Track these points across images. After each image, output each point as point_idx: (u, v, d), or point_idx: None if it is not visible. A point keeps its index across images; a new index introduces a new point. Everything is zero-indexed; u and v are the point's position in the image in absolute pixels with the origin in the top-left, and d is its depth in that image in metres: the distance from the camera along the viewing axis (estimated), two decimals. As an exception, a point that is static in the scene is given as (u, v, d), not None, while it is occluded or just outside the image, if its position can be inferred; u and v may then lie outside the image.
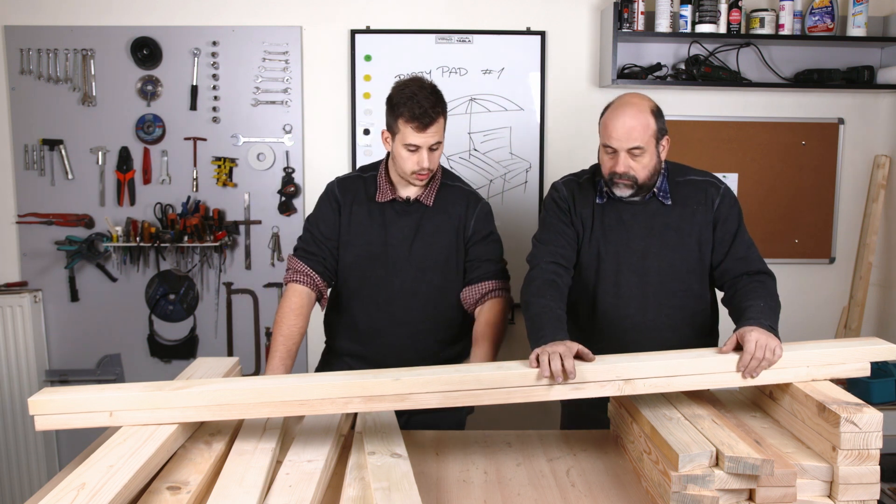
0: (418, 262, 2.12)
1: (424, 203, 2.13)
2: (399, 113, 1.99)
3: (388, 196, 2.13)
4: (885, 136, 3.34)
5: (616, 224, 2.05)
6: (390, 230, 2.12)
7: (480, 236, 2.16)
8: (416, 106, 1.97)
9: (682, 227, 2.02)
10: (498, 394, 1.58)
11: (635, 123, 1.92)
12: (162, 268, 3.26)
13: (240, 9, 3.19)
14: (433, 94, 2.02)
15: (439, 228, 2.13)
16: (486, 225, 2.17)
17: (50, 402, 1.53)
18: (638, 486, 1.62)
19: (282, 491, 1.41)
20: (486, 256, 2.15)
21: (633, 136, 1.92)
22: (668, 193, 2.04)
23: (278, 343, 2.06)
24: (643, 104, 1.96)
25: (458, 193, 2.18)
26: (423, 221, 2.13)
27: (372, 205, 2.14)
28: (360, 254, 2.14)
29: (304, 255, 2.15)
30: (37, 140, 3.19)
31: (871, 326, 3.41)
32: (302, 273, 2.12)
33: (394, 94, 2.03)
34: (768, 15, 3.10)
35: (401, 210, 2.13)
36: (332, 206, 2.16)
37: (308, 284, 2.12)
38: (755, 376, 1.65)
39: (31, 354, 3.19)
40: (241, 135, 3.24)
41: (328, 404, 1.56)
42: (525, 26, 3.23)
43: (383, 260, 2.12)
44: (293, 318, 2.08)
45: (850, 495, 1.45)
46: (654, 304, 2.04)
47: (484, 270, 2.14)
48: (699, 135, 3.29)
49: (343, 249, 2.15)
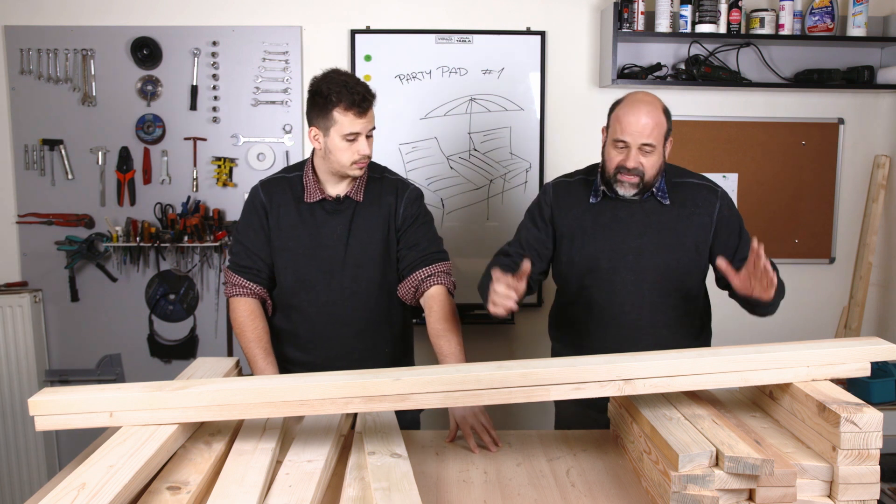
0: (355, 260, 2.07)
1: (355, 199, 2.08)
2: (334, 103, 1.93)
3: (316, 196, 2.07)
4: (885, 136, 3.34)
5: (611, 223, 2.05)
6: (323, 230, 2.07)
7: (409, 222, 2.10)
8: (353, 93, 1.93)
9: (680, 228, 2.03)
10: (499, 394, 1.58)
11: (650, 121, 1.93)
12: (162, 268, 3.26)
13: (240, 9, 3.20)
14: (361, 80, 1.99)
15: (372, 223, 2.08)
16: (415, 209, 2.11)
17: (50, 402, 1.53)
18: (638, 486, 1.62)
19: (282, 491, 1.40)
20: (413, 243, 2.09)
21: (647, 133, 1.93)
22: (666, 193, 2.04)
23: (253, 347, 2.04)
24: (657, 103, 1.98)
25: (386, 184, 2.12)
26: (355, 218, 2.07)
27: (301, 206, 2.08)
28: (293, 257, 2.08)
29: (238, 269, 2.10)
30: (37, 140, 3.19)
31: (871, 326, 3.41)
32: (239, 286, 2.09)
33: (321, 86, 1.95)
34: (768, 15, 3.10)
35: (331, 209, 2.08)
36: (259, 213, 2.10)
37: (249, 295, 2.09)
38: (767, 269, 1.74)
39: (31, 354, 3.19)
40: (241, 135, 3.24)
41: (328, 404, 1.56)
42: (525, 26, 3.23)
43: (318, 261, 2.07)
44: (251, 323, 2.06)
45: (850, 495, 1.45)
46: (650, 302, 2.04)
47: (412, 258, 2.08)
48: (699, 135, 3.29)
49: (275, 254, 2.09)
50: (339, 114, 1.94)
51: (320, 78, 1.99)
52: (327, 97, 1.94)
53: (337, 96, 1.93)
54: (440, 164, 3.23)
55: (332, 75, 1.98)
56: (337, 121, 1.95)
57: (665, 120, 1.97)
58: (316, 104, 1.98)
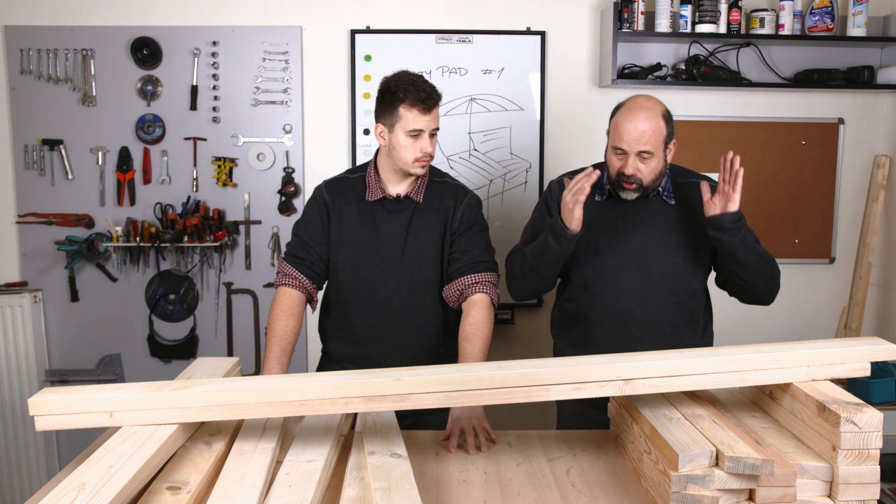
0: (412, 259, 2.11)
1: (415, 199, 2.12)
2: (400, 99, 2.00)
3: (378, 195, 2.12)
4: (885, 136, 3.34)
5: (618, 221, 2.06)
6: (382, 228, 2.12)
7: (465, 227, 2.14)
8: (419, 90, 2.00)
9: (684, 227, 2.04)
10: (499, 394, 1.58)
11: (647, 128, 1.93)
12: (162, 268, 3.26)
13: (240, 9, 3.20)
14: (429, 81, 2.05)
15: (430, 223, 2.12)
16: (472, 215, 2.15)
17: (50, 402, 1.53)
18: (638, 486, 1.62)
19: (282, 491, 1.40)
20: (465, 248, 2.12)
21: (644, 141, 1.93)
22: (671, 193, 2.06)
23: (273, 343, 2.07)
24: (656, 108, 1.97)
25: (446, 188, 2.17)
26: (414, 218, 2.12)
27: (362, 204, 2.13)
28: (352, 254, 2.13)
29: (292, 260, 2.14)
30: (37, 140, 3.19)
31: (871, 326, 3.41)
32: (290, 276, 2.13)
33: (390, 84, 2.03)
34: (768, 15, 3.10)
35: (391, 208, 2.13)
36: (321, 209, 2.15)
37: (297, 287, 2.12)
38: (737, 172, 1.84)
39: (31, 354, 3.19)
40: (241, 135, 3.24)
41: (328, 404, 1.56)
42: (525, 26, 3.23)
43: (377, 258, 2.12)
44: (284, 319, 2.08)
45: (850, 495, 1.45)
46: (656, 300, 2.05)
47: (462, 264, 2.11)
48: (699, 135, 3.29)
49: (335, 251, 2.15)
50: (404, 110, 2.00)
51: (390, 77, 2.06)
52: (395, 93, 2.01)
53: (404, 93, 2.00)
54: (440, 164, 3.23)
55: (401, 74, 2.05)
56: (402, 117, 2.01)
57: (664, 125, 1.96)
58: (383, 101, 2.05)
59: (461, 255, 2.12)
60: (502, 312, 3.26)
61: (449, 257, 2.14)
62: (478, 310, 2.06)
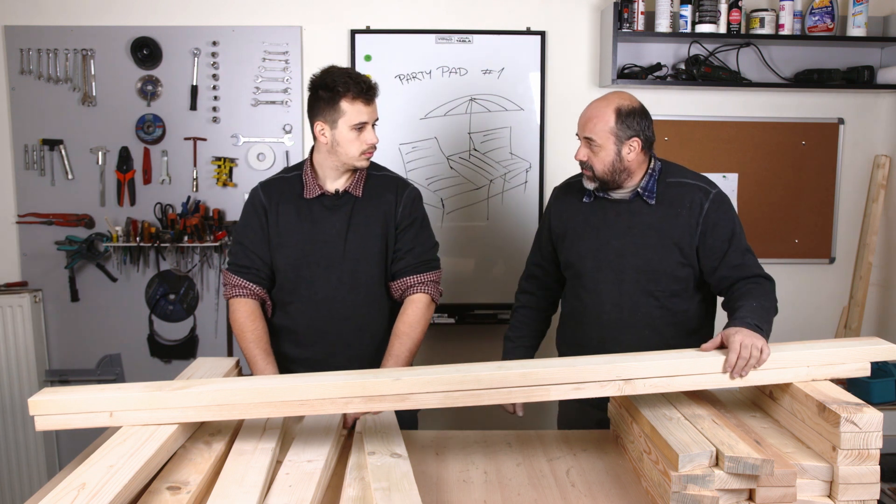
0: (354, 255, 2.08)
1: (354, 194, 2.09)
2: (341, 94, 1.97)
3: (315, 192, 2.08)
4: (885, 136, 3.34)
5: (600, 222, 2.07)
6: (322, 226, 2.08)
7: (407, 222, 2.12)
8: (359, 83, 1.98)
9: (663, 228, 2.01)
10: (499, 394, 1.58)
11: (591, 115, 2.00)
12: (162, 268, 3.26)
13: (240, 9, 3.20)
14: (362, 73, 2.04)
15: (371, 218, 2.09)
16: (414, 210, 2.13)
17: (50, 402, 1.53)
18: (638, 486, 1.62)
19: (282, 491, 1.41)
20: (408, 247, 2.11)
21: (586, 127, 2.00)
22: (653, 193, 2.02)
23: (252, 347, 2.04)
24: (611, 100, 1.99)
25: (385, 181, 2.14)
26: (354, 213, 2.09)
27: (300, 202, 2.09)
28: (292, 253, 2.09)
29: (237, 270, 2.10)
30: (37, 140, 3.18)
31: (871, 326, 3.41)
32: (239, 287, 2.09)
33: (326, 80, 1.99)
34: (768, 15, 3.10)
35: (330, 205, 2.09)
36: (258, 212, 2.11)
37: (249, 296, 2.09)
38: (743, 375, 1.64)
39: (31, 354, 3.19)
40: (241, 135, 3.24)
41: (328, 404, 1.56)
42: (525, 26, 3.23)
43: (318, 257, 2.08)
44: (251, 324, 2.06)
45: (850, 495, 1.45)
46: (630, 302, 2.04)
47: (405, 264, 2.10)
48: (699, 135, 3.29)
49: (275, 252, 2.10)
50: (346, 104, 1.98)
51: (321, 73, 2.03)
52: (333, 89, 1.97)
53: (344, 87, 1.97)
54: (440, 164, 3.23)
55: (333, 70, 2.02)
56: (345, 111, 1.98)
57: (614, 119, 1.95)
58: (321, 98, 2.00)
59: (405, 253, 2.11)
60: (502, 313, 3.26)
61: (393, 255, 2.12)
62: (414, 308, 2.07)
